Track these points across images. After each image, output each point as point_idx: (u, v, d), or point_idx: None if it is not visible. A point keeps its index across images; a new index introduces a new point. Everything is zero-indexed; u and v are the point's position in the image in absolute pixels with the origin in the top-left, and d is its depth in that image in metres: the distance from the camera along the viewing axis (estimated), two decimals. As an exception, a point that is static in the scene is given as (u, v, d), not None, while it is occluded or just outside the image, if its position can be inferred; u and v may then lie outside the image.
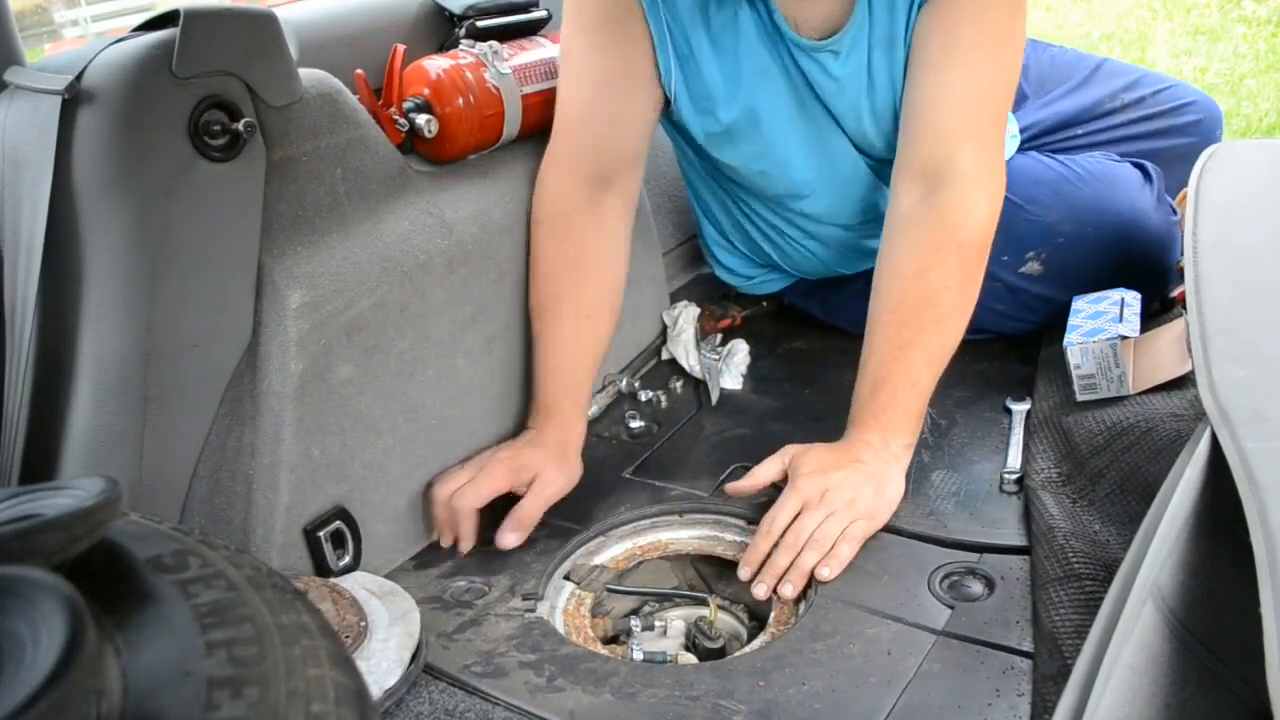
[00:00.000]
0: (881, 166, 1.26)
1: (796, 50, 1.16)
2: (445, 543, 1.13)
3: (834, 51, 1.15)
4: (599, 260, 1.23)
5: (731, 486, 1.11)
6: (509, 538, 1.09)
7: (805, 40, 1.15)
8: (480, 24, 1.43)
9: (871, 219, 1.32)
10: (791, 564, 1.00)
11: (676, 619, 1.05)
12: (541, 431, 1.17)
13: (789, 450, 1.10)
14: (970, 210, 1.07)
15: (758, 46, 1.17)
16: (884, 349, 1.08)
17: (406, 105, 1.21)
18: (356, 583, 0.99)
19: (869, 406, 1.07)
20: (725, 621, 1.05)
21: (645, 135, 1.25)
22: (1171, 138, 1.48)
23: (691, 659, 0.99)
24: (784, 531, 1.02)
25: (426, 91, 1.22)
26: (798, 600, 1.00)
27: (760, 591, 1.00)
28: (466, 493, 1.10)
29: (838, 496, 1.02)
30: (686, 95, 1.23)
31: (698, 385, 1.43)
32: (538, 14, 1.41)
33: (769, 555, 1.01)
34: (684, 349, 1.46)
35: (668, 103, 1.24)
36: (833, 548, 1.00)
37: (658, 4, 1.16)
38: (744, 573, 1.02)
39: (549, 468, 1.13)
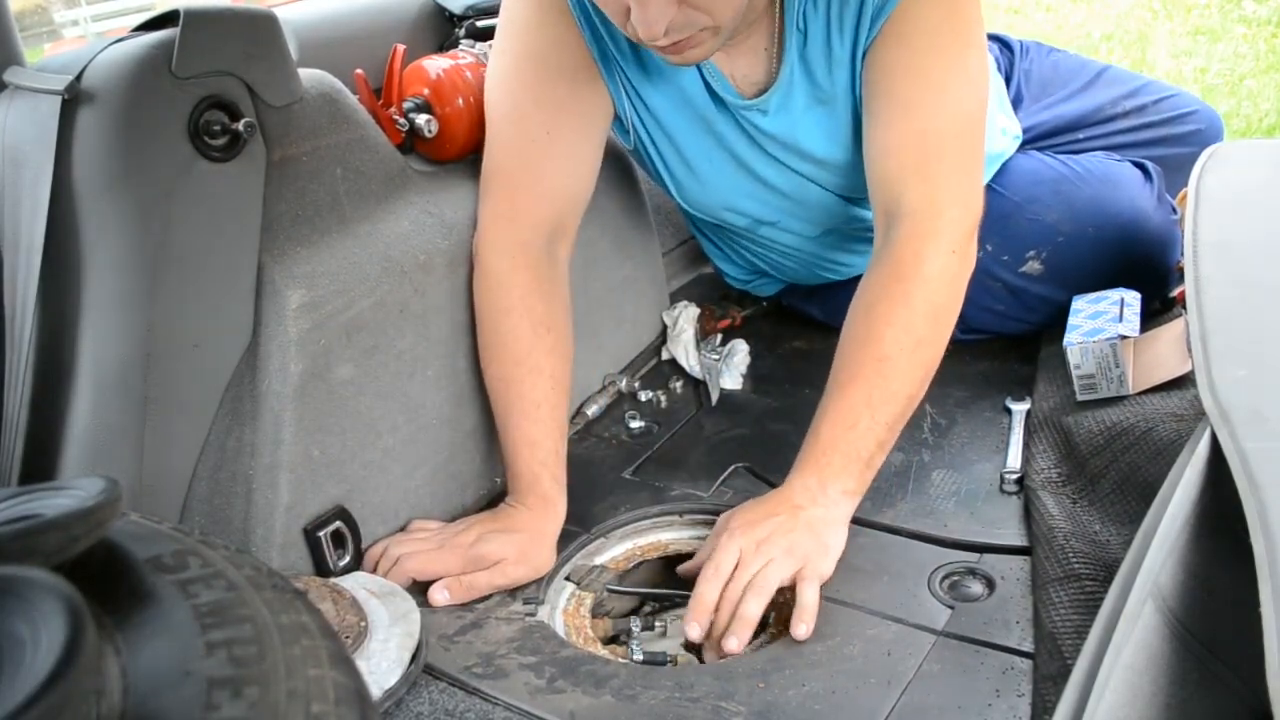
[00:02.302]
0: (842, 187, 1.25)
1: (731, 105, 1.17)
2: (367, 570, 1.06)
3: (762, 110, 1.16)
4: (564, 319, 1.17)
5: (682, 568, 1.06)
6: (438, 595, 1.02)
7: (736, 98, 1.16)
8: (480, 24, 1.43)
9: (848, 229, 1.33)
10: (733, 616, 0.93)
11: (676, 619, 1.05)
12: (518, 512, 1.09)
13: (724, 516, 1.04)
14: (916, 247, 1.04)
15: (695, 99, 1.17)
16: (829, 388, 1.04)
17: (406, 105, 1.21)
18: (356, 583, 0.99)
19: (810, 449, 1.02)
20: (725, 622, 1.05)
21: (597, 170, 1.22)
22: (1172, 146, 1.48)
23: (691, 659, 0.99)
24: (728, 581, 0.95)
25: (426, 91, 1.22)
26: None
27: (710, 657, 0.94)
28: (415, 562, 1.04)
29: (774, 545, 0.96)
30: (650, 141, 1.24)
31: (698, 385, 1.43)
32: (538, 14, 1.41)
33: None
34: (684, 349, 1.46)
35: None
36: (799, 600, 0.94)
37: (609, 51, 1.15)
38: (694, 632, 0.94)
39: (511, 560, 1.04)
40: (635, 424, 1.33)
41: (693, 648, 1.01)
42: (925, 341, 1.03)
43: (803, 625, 0.92)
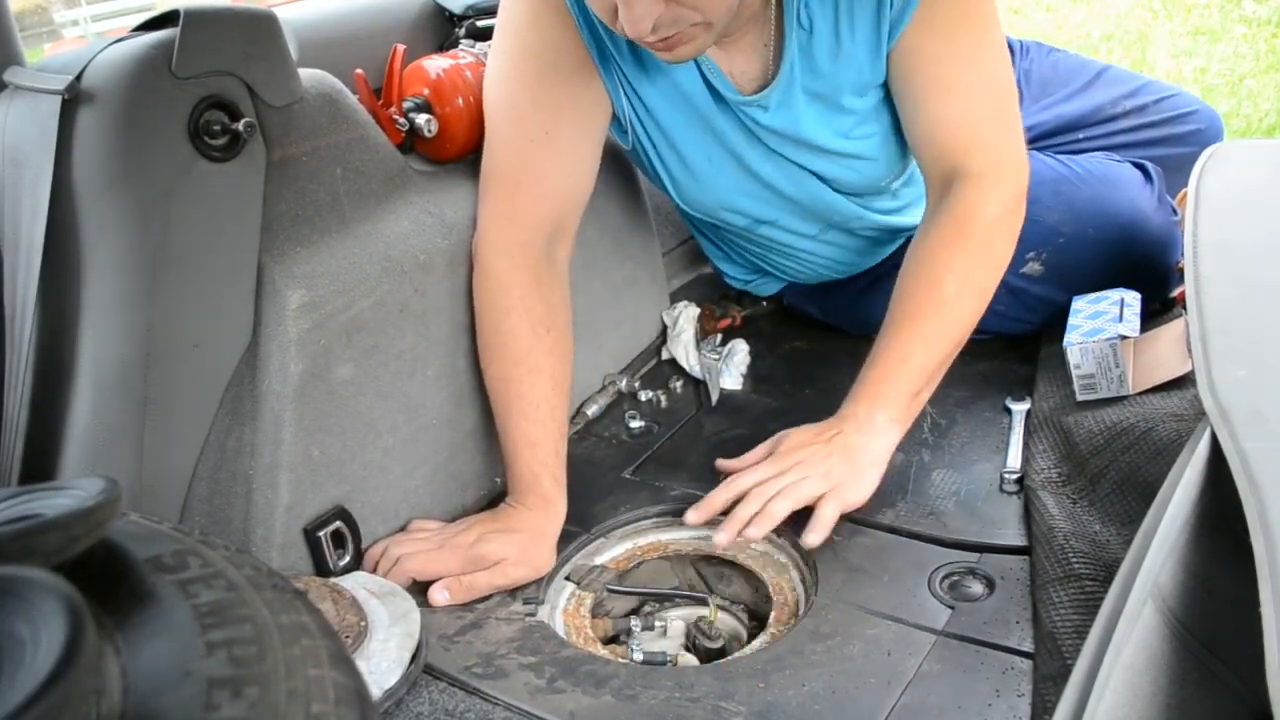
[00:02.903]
0: (841, 182, 1.26)
1: (731, 102, 1.17)
2: (367, 570, 1.07)
3: (763, 106, 1.16)
4: (564, 319, 1.17)
5: (722, 463, 1.13)
6: (438, 595, 1.02)
7: (735, 95, 1.16)
8: (480, 24, 1.43)
9: (846, 226, 1.33)
10: (760, 510, 1.00)
11: (676, 619, 1.05)
12: (519, 512, 1.09)
13: (778, 435, 1.12)
14: (978, 203, 1.11)
15: (695, 98, 1.17)
16: (885, 329, 1.11)
17: (406, 105, 1.21)
18: (356, 583, 0.99)
19: (861, 382, 1.09)
20: (725, 621, 1.05)
21: (596, 170, 1.22)
22: (1172, 146, 1.48)
23: (691, 659, 0.99)
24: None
25: (426, 91, 1.22)
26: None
27: (722, 539, 1.00)
28: (415, 562, 1.04)
29: (809, 466, 1.03)
30: (648, 141, 1.24)
31: (698, 385, 1.43)
32: (538, 14, 1.41)
33: (728, 510, 1.03)
34: (684, 349, 1.46)
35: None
36: (816, 513, 1.01)
37: (607, 50, 1.15)
38: (691, 516, 1.04)
39: (511, 561, 1.04)
40: (635, 424, 1.33)
41: (692, 647, 1.01)
42: (981, 290, 1.11)
43: (813, 535, 0.99)
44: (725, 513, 1.04)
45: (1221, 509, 0.71)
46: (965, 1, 1.09)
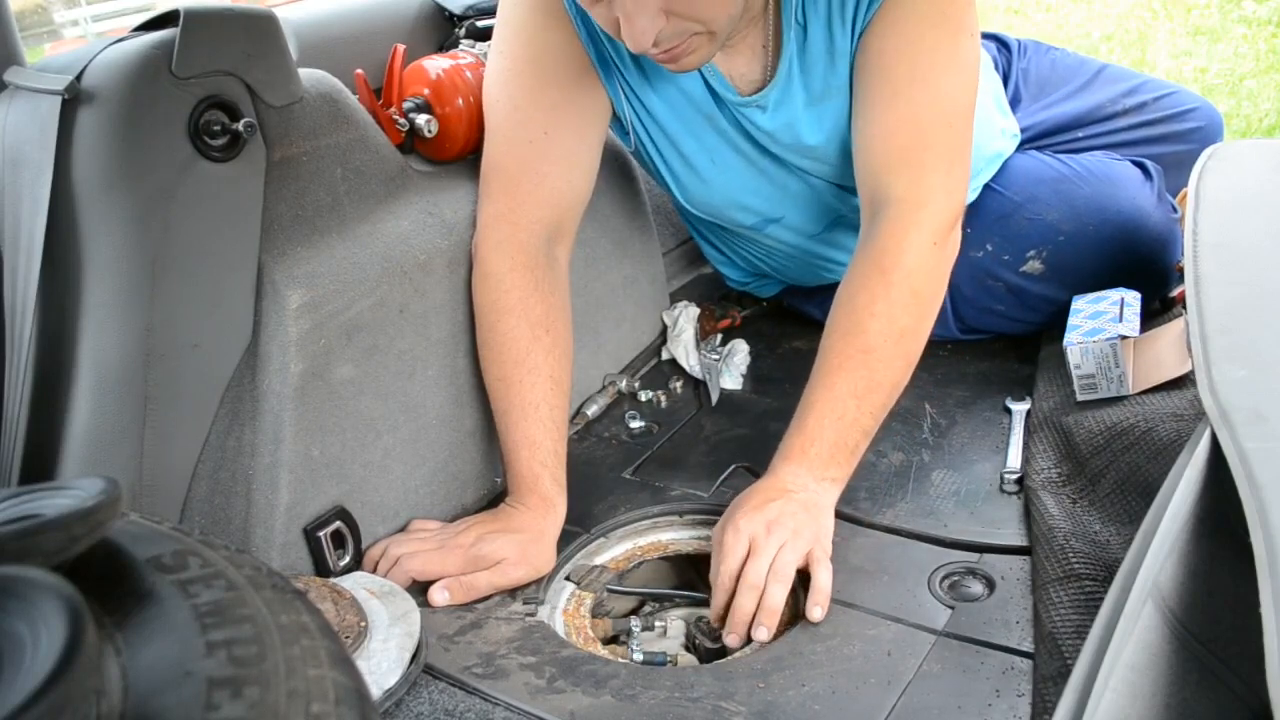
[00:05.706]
0: (845, 179, 1.25)
1: (729, 103, 1.17)
2: (367, 570, 1.07)
3: (760, 107, 1.16)
4: (563, 320, 1.16)
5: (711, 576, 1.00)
6: (438, 595, 1.02)
7: (734, 95, 1.16)
8: (480, 24, 1.43)
9: (852, 223, 1.32)
10: (759, 605, 0.93)
11: (676, 619, 1.05)
12: (519, 512, 1.09)
13: (716, 526, 1.02)
14: (898, 237, 1.04)
15: (695, 98, 1.17)
16: (814, 377, 1.04)
17: (406, 105, 1.21)
18: (356, 583, 0.99)
19: (795, 438, 1.02)
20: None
21: (596, 171, 1.22)
22: (1172, 144, 1.48)
23: (691, 659, 0.99)
24: (738, 576, 0.95)
25: (426, 91, 1.22)
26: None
27: (732, 641, 0.94)
28: (415, 562, 1.04)
29: (783, 528, 0.96)
30: (650, 142, 1.24)
31: (698, 385, 1.43)
32: (538, 14, 1.41)
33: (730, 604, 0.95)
34: (684, 349, 1.46)
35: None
36: (814, 583, 0.95)
37: (606, 53, 1.15)
38: (732, 641, 0.95)
39: (512, 561, 1.04)
40: (635, 424, 1.33)
41: (692, 647, 1.01)
42: (908, 332, 1.04)
43: (819, 608, 0.94)
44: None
45: (1221, 509, 0.71)
46: (935, 6, 1.04)
